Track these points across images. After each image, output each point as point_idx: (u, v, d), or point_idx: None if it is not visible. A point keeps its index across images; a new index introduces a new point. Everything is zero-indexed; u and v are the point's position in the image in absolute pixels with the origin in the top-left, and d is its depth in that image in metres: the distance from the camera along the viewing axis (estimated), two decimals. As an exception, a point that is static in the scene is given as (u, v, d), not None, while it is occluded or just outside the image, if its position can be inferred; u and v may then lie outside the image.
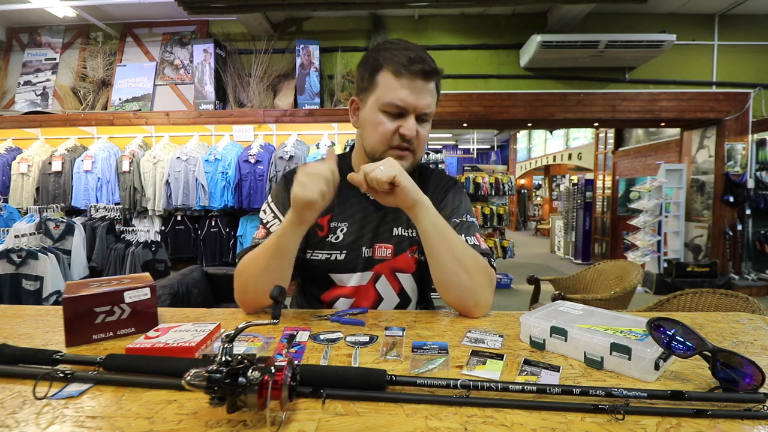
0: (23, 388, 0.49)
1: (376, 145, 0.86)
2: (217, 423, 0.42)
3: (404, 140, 0.84)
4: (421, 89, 0.82)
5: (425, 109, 0.84)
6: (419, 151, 0.88)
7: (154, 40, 4.58)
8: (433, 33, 4.49)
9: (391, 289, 0.92)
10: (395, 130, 0.83)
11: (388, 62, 0.82)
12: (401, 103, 0.82)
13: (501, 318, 0.79)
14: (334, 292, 0.92)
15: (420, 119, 0.85)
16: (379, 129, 0.84)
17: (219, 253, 3.90)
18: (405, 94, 0.81)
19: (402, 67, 0.80)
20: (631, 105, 4.46)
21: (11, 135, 4.23)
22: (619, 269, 2.40)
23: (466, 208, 0.96)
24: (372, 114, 0.85)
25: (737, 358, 0.49)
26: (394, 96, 0.82)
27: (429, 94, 0.84)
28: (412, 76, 0.81)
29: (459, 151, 14.97)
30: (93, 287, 0.68)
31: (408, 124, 0.83)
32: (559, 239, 8.13)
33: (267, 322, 0.50)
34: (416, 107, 0.82)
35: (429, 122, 0.88)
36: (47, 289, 2.82)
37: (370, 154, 0.88)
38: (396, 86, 0.81)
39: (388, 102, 0.82)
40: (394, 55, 0.82)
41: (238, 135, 4.06)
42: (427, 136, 0.89)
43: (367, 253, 0.91)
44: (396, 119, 0.84)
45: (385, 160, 0.77)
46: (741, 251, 4.66)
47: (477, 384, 0.47)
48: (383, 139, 0.85)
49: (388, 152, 0.85)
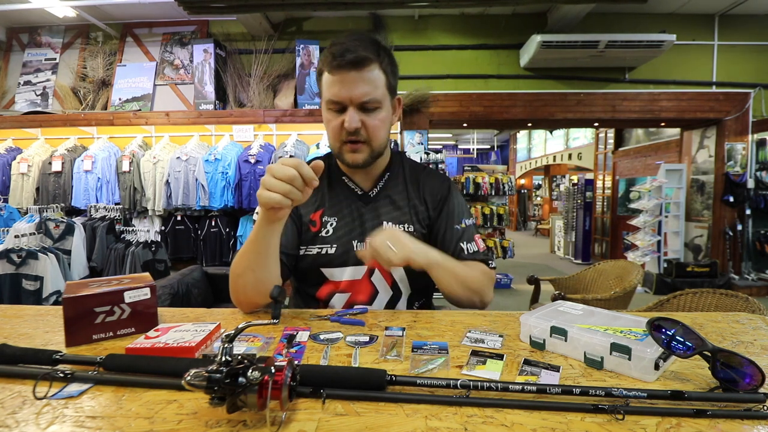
0: (23, 388, 0.49)
1: (332, 141, 0.90)
2: (217, 423, 0.42)
3: (351, 133, 0.85)
4: (354, 79, 0.82)
5: (362, 98, 0.83)
6: (374, 141, 0.88)
7: (154, 40, 4.58)
8: (433, 33, 4.49)
9: (385, 282, 0.93)
10: (341, 124, 0.85)
11: (323, 63, 0.85)
12: (336, 98, 0.83)
13: (501, 318, 0.79)
14: (327, 288, 0.93)
15: (364, 109, 0.84)
16: (329, 127, 0.88)
17: (219, 253, 3.90)
18: (337, 89, 0.83)
19: (332, 62, 0.82)
20: (631, 105, 4.46)
21: (11, 135, 4.23)
22: (619, 269, 2.40)
23: (463, 211, 0.99)
24: (324, 113, 0.89)
25: (737, 358, 0.49)
26: (329, 92, 0.84)
27: (365, 82, 0.83)
28: (340, 69, 0.81)
29: (459, 151, 14.98)
30: (93, 287, 0.68)
31: (348, 116, 0.84)
32: (559, 239, 8.13)
33: (267, 322, 0.50)
34: (351, 98, 0.83)
35: (381, 110, 0.86)
36: (47, 289, 2.81)
37: (333, 151, 0.93)
38: (331, 82, 0.84)
39: (327, 100, 0.85)
40: (328, 54, 0.84)
41: (238, 135, 4.06)
42: (383, 125, 0.88)
43: (359, 247, 0.92)
44: (340, 114, 0.85)
45: (392, 235, 0.77)
46: (741, 251, 4.66)
47: (477, 384, 0.47)
48: (333, 135, 0.88)
49: (342, 147, 0.89)
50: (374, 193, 0.97)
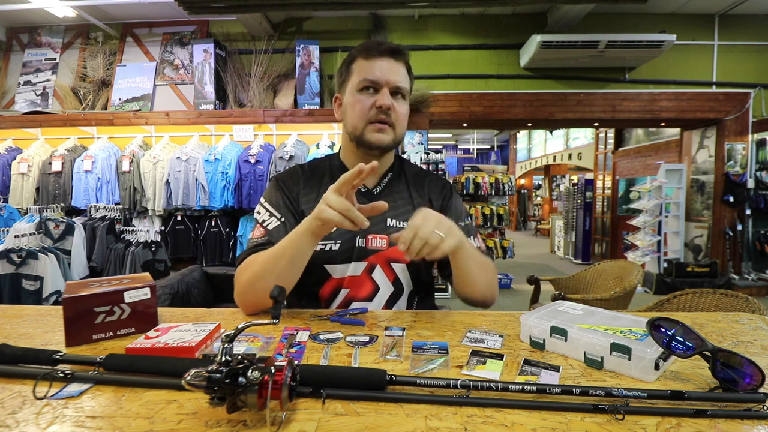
0: (23, 388, 0.49)
1: (357, 122, 0.91)
2: (217, 423, 0.42)
3: (382, 112, 0.88)
4: (391, 66, 0.89)
5: (397, 83, 0.89)
6: (398, 126, 0.92)
7: (154, 40, 4.58)
8: (433, 33, 4.49)
9: (386, 278, 0.93)
10: (372, 104, 0.88)
11: (359, 51, 0.92)
12: (373, 77, 0.88)
13: (501, 318, 0.79)
14: (330, 285, 0.92)
15: (395, 94, 0.90)
16: (358, 107, 0.90)
17: (219, 253, 3.90)
18: (376, 70, 0.88)
19: (371, 49, 0.90)
20: (631, 105, 4.46)
21: (11, 135, 4.23)
22: (619, 269, 2.40)
23: (464, 211, 1.03)
24: (350, 97, 0.92)
25: (737, 358, 0.49)
26: (367, 73, 0.89)
27: (399, 72, 0.90)
28: (381, 55, 0.89)
29: (459, 151, 14.98)
30: (93, 287, 0.68)
31: (383, 95, 0.88)
32: (559, 239, 8.13)
33: (267, 322, 0.50)
34: (388, 81, 0.88)
35: (405, 101, 0.93)
36: (47, 289, 2.82)
37: (352, 134, 0.93)
38: (369, 65, 0.89)
39: (362, 79, 0.89)
40: (365, 45, 0.91)
41: (238, 135, 4.06)
42: (407, 116, 0.94)
43: (361, 243, 0.92)
44: (372, 95, 0.89)
45: (435, 219, 0.72)
46: (741, 251, 4.66)
47: (477, 384, 0.47)
48: (362, 114, 0.89)
49: (368, 127, 0.90)
50: (378, 190, 0.98)
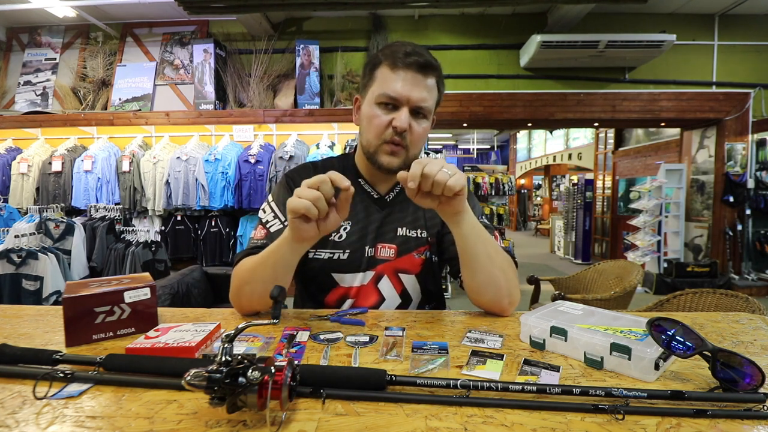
0: (23, 388, 0.49)
1: (371, 138, 0.85)
2: (217, 423, 0.42)
3: (396, 133, 0.82)
4: (416, 82, 0.81)
5: (419, 102, 0.82)
6: (413, 148, 0.86)
7: (154, 40, 4.58)
8: (433, 33, 4.49)
9: (393, 289, 0.91)
10: (389, 123, 0.82)
11: (386, 57, 0.83)
12: (393, 94, 0.81)
13: (501, 318, 0.79)
14: (336, 294, 0.90)
15: (415, 113, 0.83)
16: (374, 122, 0.84)
17: (219, 253, 3.90)
18: (398, 86, 0.81)
19: (398, 59, 0.81)
20: (631, 105, 4.46)
21: (11, 135, 4.23)
22: (619, 269, 2.40)
23: (480, 210, 0.96)
24: (368, 108, 0.85)
25: (737, 358, 0.48)
26: (387, 87, 0.82)
27: (425, 88, 0.82)
28: (407, 68, 0.81)
29: (459, 151, 14.98)
30: (93, 287, 0.68)
31: (400, 116, 0.81)
32: (559, 239, 8.13)
33: (267, 322, 0.50)
34: (409, 99, 0.81)
35: (427, 120, 0.86)
36: (47, 289, 2.82)
37: (366, 149, 0.88)
38: (391, 78, 0.82)
39: (381, 93, 0.82)
40: (393, 51, 0.83)
41: (238, 135, 4.06)
42: (424, 135, 0.87)
43: (370, 253, 0.90)
44: (390, 112, 0.83)
45: (442, 161, 0.69)
46: (741, 251, 4.66)
47: (477, 384, 0.47)
48: (377, 132, 0.84)
49: (382, 147, 0.85)
50: (390, 197, 0.95)
